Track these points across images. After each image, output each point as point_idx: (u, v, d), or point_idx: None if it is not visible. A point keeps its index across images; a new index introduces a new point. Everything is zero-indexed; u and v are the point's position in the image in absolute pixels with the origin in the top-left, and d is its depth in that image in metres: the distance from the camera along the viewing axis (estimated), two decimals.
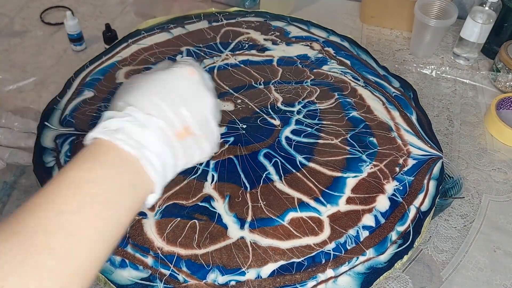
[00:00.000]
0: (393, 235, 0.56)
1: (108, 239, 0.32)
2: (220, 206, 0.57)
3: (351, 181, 0.60)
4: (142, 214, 0.56)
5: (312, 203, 0.57)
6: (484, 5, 0.82)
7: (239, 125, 0.66)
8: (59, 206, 0.30)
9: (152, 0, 1.01)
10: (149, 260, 0.52)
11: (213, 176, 0.60)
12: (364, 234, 0.55)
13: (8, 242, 0.27)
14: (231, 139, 0.64)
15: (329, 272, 0.52)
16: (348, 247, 0.54)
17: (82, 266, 0.30)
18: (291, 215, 0.56)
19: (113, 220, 0.32)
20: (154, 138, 0.34)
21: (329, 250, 0.54)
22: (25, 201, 0.30)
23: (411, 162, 0.63)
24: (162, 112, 0.36)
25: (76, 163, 0.33)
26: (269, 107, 0.69)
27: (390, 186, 0.60)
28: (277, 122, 0.67)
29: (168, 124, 0.36)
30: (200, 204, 0.57)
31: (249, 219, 0.56)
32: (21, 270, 0.27)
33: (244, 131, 0.65)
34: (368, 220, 0.57)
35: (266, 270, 0.52)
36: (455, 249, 0.61)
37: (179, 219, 0.55)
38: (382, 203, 0.58)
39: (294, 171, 0.61)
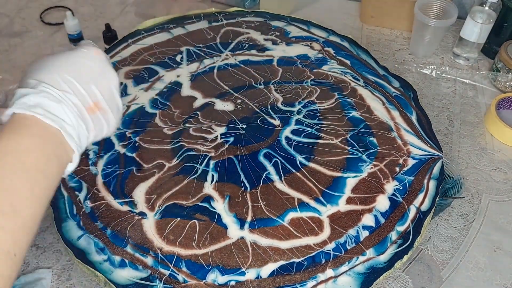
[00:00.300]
0: (393, 235, 0.56)
1: (42, 201, 0.36)
2: (220, 206, 0.57)
3: (351, 181, 0.60)
4: (142, 214, 0.56)
5: (312, 203, 0.57)
6: (484, 5, 0.82)
7: (239, 125, 0.66)
8: (8, 176, 0.34)
9: (152, 0, 1.01)
10: (148, 260, 0.52)
11: (213, 176, 0.60)
12: (364, 234, 0.55)
13: None
14: (231, 139, 0.64)
15: (329, 272, 0.52)
16: (348, 247, 0.54)
17: (27, 223, 0.34)
18: (291, 215, 0.56)
19: (44, 185, 0.36)
20: (70, 112, 0.38)
21: (329, 250, 0.54)
22: None
23: (411, 162, 0.63)
24: (75, 88, 0.39)
25: (4, 136, 0.36)
26: (269, 107, 0.69)
27: (390, 186, 0.60)
28: (277, 122, 0.67)
29: (80, 99, 0.39)
30: (200, 204, 0.57)
31: (249, 219, 0.56)
32: None
33: (244, 131, 0.65)
34: (368, 220, 0.57)
35: (266, 270, 0.52)
36: (455, 249, 0.61)
37: (179, 219, 0.55)
38: (382, 203, 0.58)
39: (294, 171, 0.61)
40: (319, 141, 0.64)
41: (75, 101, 0.38)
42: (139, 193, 0.58)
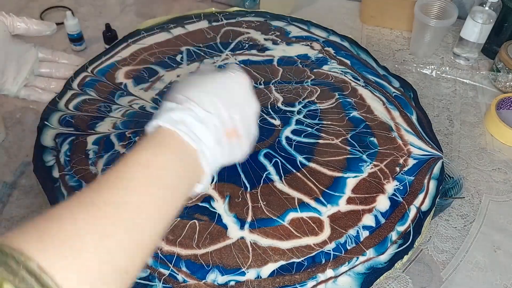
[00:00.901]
0: (393, 235, 0.56)
1: (166, 219, 0.35)
2: (220, 206, 0.57)
3: (352, 181, 0.60)
4: None
5: (312, 203, 0.57)
6: (484, 5, 0.82)
7: None
8: (128, 184, 0.33)
9: (152, 0, 1.01)
10: (148, 260, 0.52)
11: (213, 176, 0.60)
12: (364, 234, 0.55)
13: (84, 210, 0.30)
14: None
15: (329, 272, 0.52)
16: (348, 247, 0.54)
17: (145, 240, 0.32)
18: (291, 215, 0.56)
19: (171, 202, 0.35)
20: (210, 134, 0.38)
21: (329, 250, 0.53)
22: (99, 177, 0.33)
23: (411, 162, 0.63)
24: (218, 111, 0.39)
25: (143, 147, 0.36)
26: (269, 107, 0.69)
27: (390, 186, 0.60)
28: (277, 122, 0.67)
29: (221, 123, 0.39)
30: (200, 204, 0.57)
31: (249, 219, 0.56)
32: (92, 237, 0.29)
33: None
34: (368, 220, 0.56)
35: (266, 270, 0.52)
36: (455, 249, 0.61)
37: (179, 219, 0.55)
38: (382, 203, 0.58)
39: (294, 171, 0.60)
40: (320, 141, 0.64)
41: (217, 123, 0.38)
42: None
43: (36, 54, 0.62)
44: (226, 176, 0.60)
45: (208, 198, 0.57)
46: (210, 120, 0.38)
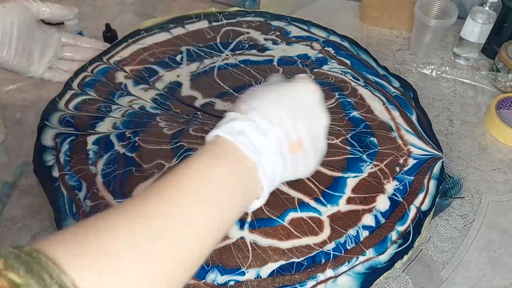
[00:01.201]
0: (393, 235, 0.56)
1: (215, 236, 0.32)
2: None
3: (352, 181, 0.60)
4: None
5: (312, 203, 0.57)
6: (484, 5, 0.82)
7: None
8: (178, 196, 0.31)
9: (152, 0, 1.01)
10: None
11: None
12: (364, 234, 0.55)
13: (128, 223, 0.28)
14: None
15: (329, 272, 0.52)
16: (348, 247, 0.54)
17: (189, 258, 0.30)
18: (291, 215, 0.56)
19: (222, 219, 0.33)
20: (271, 147, 0.35)
21: (329, 250, 0.53)
22: (149, 186, 0.31)
23: (411, 162, 0.63)
24: (282, 122, 0.36)
25: (198, 158, 0.34)
26: None
27: (390, 186, 0.60)
28: None
29: (285, 135, 0.36)
30: None
31: (249, 219, 0.56)
32: (132, 257, 0.27)
33: None
34: (368, 220, 0.56)
35: (266, 270, 0.52)
36: (455, 249, 0.61)
37: None
38: (382, 203, 0.58)
39: None
40: None
41: (279, 135, 0.36)
42: None
43: (59, 38, 0.68)
44: None
45: None
46: (273, 131, 0.36)
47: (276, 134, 0.36)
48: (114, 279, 0.26)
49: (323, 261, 0.53)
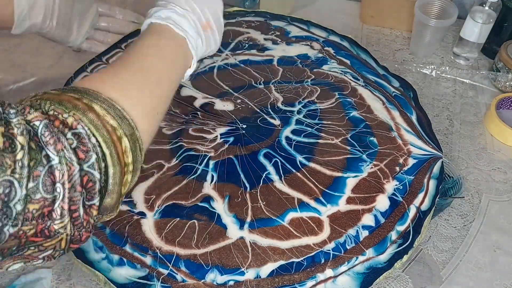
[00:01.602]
0: (393, 235, 0.56)
1: (171, 87, 0.46)
2: (220, 206, 0.57)
3: (351, 181, 0.60)
4: (141, 214, 0.56)
5: (312, 203, 0.57)
6: (484, 5, 0.82)
7: (239, 125, 0.66)
8: (146, 54, 0.44)
9: (152, 0, 1.01)
10: (148, 260, 0.52)
11: (212, 176, 0.60)
12: (364, 234, 0.55)
13: (126, 70, 0.42)
14: (231, 139, 0.64)
15: (329, 272, 0.52)
16: (348, 247, 0.54)
17: (164, 94, 0.44)
18: (291, 215, 0.56)
19: (174, 75, 0.46)
20: (191, 26, 0.48)
21: (329, 250, 0.53)
22: (124, 51, 0.46)
23: (411, 162, 0.63)
24: (194, 8, 0.48)
25: (145, 36, 0.46)
26: (269, 107, 0.69)
27: (390, 186, 0.60)
28: (277, 122, 0.67)
29: (197, 18, 0.49)
30: (200, 204, 0.57)
31: (248, 219, 0.56)
32: (136, 86, 0.41)
33: (244, 131, 0.65)
34: (368, 220, 0.56)
35: (265, 270, 0.52)
36: (455, 249, 0.61)
37: (178, 219, 0.55)
38: (382, 202, 0.58)
39: (294, 171, 0.60)
40: (319, 141, 0.64)
41: (194, 18, 0.48)
42: (138, 193, 0.58)
43: (96, 9, 0.71)
44: (226, 176, 0.60)
45: (207, 198, 0.57)
46: (189, 15, 0.47)
47: (191, 17, 0.48)
48: (135, 98, 0.41)
49: (322, 261, 0.53)
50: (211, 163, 0.61)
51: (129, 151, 0.37)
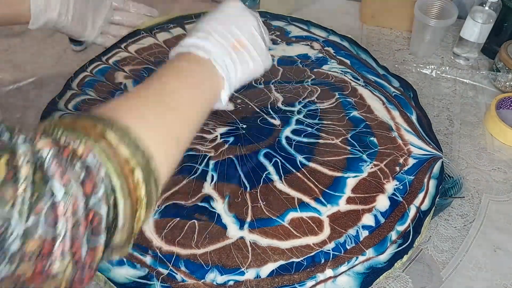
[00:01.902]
0: (393, 235, 0.56)
1: (199, 110, 0.45)
2: (220, 206, 0.57)
3: (351, 181, 0.60)
4: None
5: (312, 203, 0.57)
6: (484, 5, 0.82)
7: (239, 125, 0.66)
8: (166, 79, 0.44)
9: (152, 0, 1.01)
10: (147, 259, 0.52)
11: (212, 176, 0.60)
12: (364, 234, 0.55)
13: (145, 94, 0.42)
14: (231, 139, 0.64)
15: (328, 272, 0.52)
16: (348, 247, 0.54)
17: (188, 120, 0.43)
18: (291, 215, 0.56)
19: (199, 99, 0.45)
20: (216, 47, 0.47)
21: (329, 250, 0.53)
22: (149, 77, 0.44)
23: (411, 162, 0.63)
24: (218, 30, 0.48)
25: (169, 62, 0.46)
26: (269, 107, 0.69)
27: (390, 186, 0.60)
28: (277, 122, 0.67)
29: (223, 37, 0.47)
30: (200, 204, 0.57)
31: (248, 219, 0.55)
32: (153, 112, 0.40)
33: (244, 131, 0.65)
34: (368, 219, 0.56)
35: (265, 270, 0.52)
36: (455, 249, 0.61)
37: (178, 219, 0.55)
38: (382, 202, 0.58)
39: (294, 171, 0.60)
40: (320, 141, 0.64)
41: (218, 38, 0.47)
42: None
43: (110, 3, 0.72)
44: (226, 176, 0.60)
45: (207, 198, 0.57)
46: (213, 38, 0.47)
47: (216, 38, 0.47)
48: (153, 128, 0.39)
49: (322, 261, 0.53)
50: (211, 163, 0.61)
51: (142, 184, 0.35)
